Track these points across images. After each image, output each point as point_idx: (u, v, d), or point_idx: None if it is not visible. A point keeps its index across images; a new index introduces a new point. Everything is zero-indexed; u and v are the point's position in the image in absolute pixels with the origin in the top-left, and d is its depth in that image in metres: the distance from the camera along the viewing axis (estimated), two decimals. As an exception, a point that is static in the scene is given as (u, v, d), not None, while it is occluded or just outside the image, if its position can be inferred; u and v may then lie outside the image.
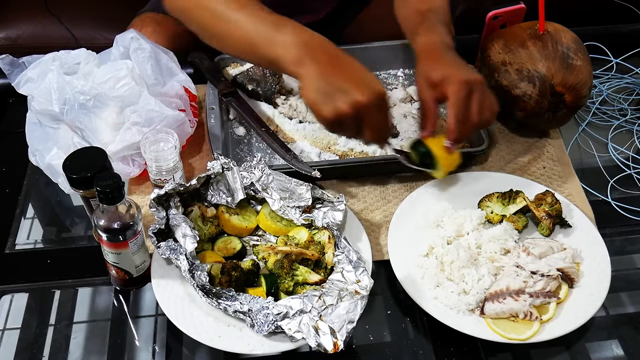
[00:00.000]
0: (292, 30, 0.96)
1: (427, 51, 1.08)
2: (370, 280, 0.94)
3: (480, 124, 1.04)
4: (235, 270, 0.97)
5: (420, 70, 1.08)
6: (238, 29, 0.99)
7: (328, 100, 0.92)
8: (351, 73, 0.94)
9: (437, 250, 1.03)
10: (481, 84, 1.04)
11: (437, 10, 1.15)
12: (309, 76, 0.93)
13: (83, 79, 1.10)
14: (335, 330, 0.88)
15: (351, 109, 0.92)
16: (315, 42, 0.96)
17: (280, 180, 1.07)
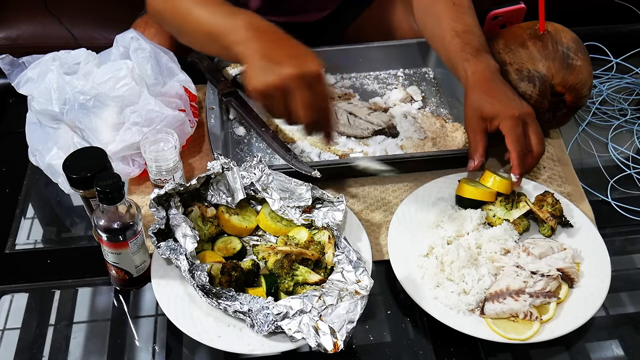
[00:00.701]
0: (243, 17, 0.98)
1: (477, 81, 1.09)
2: (371, 280, 0.94)
3: (542, 154, 1.07)
4: (235, 270, 0.97)
5: (470, 102, 1.08)
6: (200, 23, 1.02)
7: (260, 73, 0.91)
8: (290, 50, 0.94)
9: (437, 250, 1.03)
10: (532, 115, 1.07)
11: (475, 31, 1.15)
12: (250, 55, 0.94)
13: (83, 78, 1.10)
14: (335, 330, 0.88)
15: (279, 80, 0.90)
16: (263, 25, 0.97)
17: (280, 180, 1.07)
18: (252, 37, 0.95)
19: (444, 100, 1.36)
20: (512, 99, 1.07)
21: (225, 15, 0.99)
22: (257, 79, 0.91)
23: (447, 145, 1.22)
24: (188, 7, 1.04)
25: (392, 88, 1.37)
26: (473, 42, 1.12)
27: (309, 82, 0.91)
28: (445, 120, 1.29)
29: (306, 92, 0.91)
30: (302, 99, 0.91)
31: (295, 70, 0.90)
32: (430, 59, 1.41)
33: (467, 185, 1.10)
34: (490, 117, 1.05)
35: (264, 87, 0.91)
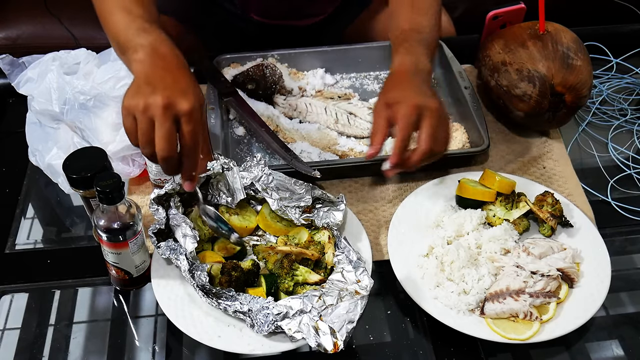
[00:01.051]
0: (152, 38, 0.94)
1: (396, 73, 1.07)
2: (371, 280, 0.94)
3: (428, 152, 0.99)
4: (235, 270, 0.97)
5: (382, 90, 1.07)
6: (115, 30, 0.98)
7: (133, 93, 0.87)
8: (173, 81, 0.89)
9: (437, 250, 1.03)
10: (435, 110, 1.00)
11: (422, 30, 1.13)
12: (137, 75, 0.91)
13: (83, 78, 1.10)
14: (335, 330, 0.88)
15: (142, 105, 0.85)
16: (165, 52, 0.93)
17: (280, 180, 1.07)
18: (147, 60, 0.91)
19: (444, 100, 1.35)
20: (421, 92, 1.02)
21: (136, 30, 0.95)
22: (128, 97, 0.87)
23: (447, 145, 1.22)
24: (111, 8, 1.00)
25: (392, 88, 1.37)
26: (412, 39, 1.11)
27: (176, 116, 0.86)
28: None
29: (168, 125, 0.85)
30: (163, 131, 0.85)
31: (164, 101, 0.85)
32: (430, 59, 1.41)
33: (467, 185, 1.10)
34: (392, 103, 1.01)
35: (131, 106, 0.86)
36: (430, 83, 1.07)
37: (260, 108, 1.28)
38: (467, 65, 1.41)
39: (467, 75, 1.30)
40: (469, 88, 1.27)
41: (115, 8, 0.99)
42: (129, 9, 0.98)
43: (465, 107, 1.25)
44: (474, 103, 1.24)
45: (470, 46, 1.40)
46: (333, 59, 1.38)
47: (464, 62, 1.37)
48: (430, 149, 0.99)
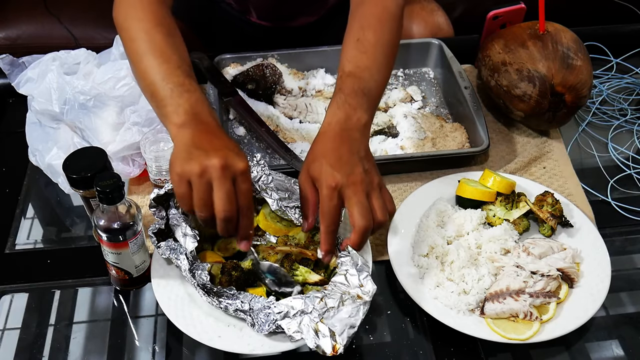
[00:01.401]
0: (193, 100, 0.92)
1: (322, 134, 0.97)
2: (374, 286, 0.93)
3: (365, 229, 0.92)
4: (236, 270, 0.97)
5: (307, 156, 0.98)
6: (146, 74, 0.95)
7: (185, 158, 0.87)
8: (221, 143, 0.89)
9: (437, 250, 1.03)
10: (359, 184, 0.92)
11: (362, 75, 0.99)
12: (181, 139, 0.89)
13: (83, 79, 1.10)
14: (335, 333, 0.88)
15: (203, 167, 0.85)
16: (204, 113, 0.92)
17: (279, 181, 1.06)
18: (188, 123, 0.90)
19: (443, 100, 1.36)
20: (344, 163, 0.93)
21: (175, 87, 0.92)
22: (181, 163, 0.86)
23: (447, 145, 1.22)
24: (144, 49, 0.96)
25: (392, 88, 1.37)
26: (349, 88, 0.98)
27: (233, 175, 0.86)
28: (445, 120, 1.29)
29: (229, 185, 0.85)
30: (224, 191, 0.85)
31: (221, 162, 0.85)
32: (430, 59, 1.41)
33: (467, 185, 1.10)
34: (313, 177, 0.94)
35: (185, 172, 0.86)
36: (363, 141, 0.96)
37: (260, 108, 1.28)
38: (467, 65, 1.41)
39: (467, 75, 1.30)
40: (469, 88, 1.27)
41: (148, 50, 0.95)
42: (166, 55, 0.95)
43: (465, 107, 1.25)
44: (474, 103, 1.24)
45: (470, 46, 1.40)
46: (333, 59, 1.37)
47: (464, 62, 1.37)
48: (366, 226, 0.91)
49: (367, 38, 1.02)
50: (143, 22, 0.98)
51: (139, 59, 0.96)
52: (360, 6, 1.06)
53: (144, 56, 0.96)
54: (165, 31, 0.98)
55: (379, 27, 1.03)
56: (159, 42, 0.96)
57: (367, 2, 1.06)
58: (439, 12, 1.54)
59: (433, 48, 1.40)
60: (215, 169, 0.85)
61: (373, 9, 1.05)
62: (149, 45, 0.96)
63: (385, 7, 1.05)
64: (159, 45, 0.96)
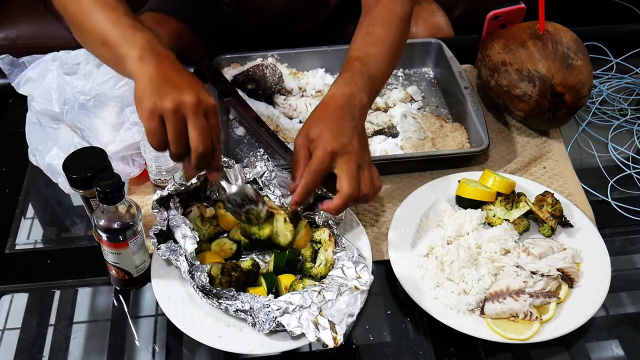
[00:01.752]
0: (144, 34, 0.92)
1: (325, 103, 1.00)
2: (371, 277, 0.94)
3: (349, 196, 0.94)
4: (235, 270, 0.97)
5: (307, 120, 1.01)
6: (97, 27, 0.95)
7: (154, 93, 0.86)
8: (188, 79, 0.90)
9: (437, 250, 1.03)
10: (353, 154, 0.95)
11: (368, 61, 1.04)
12: (146, 72, 0.88)
13: (83, 79, 1.10)
14: (335, 323, 0.88)
15: (178, 104, 0.85)
16: (162, 49, 0.92)
17: (282, 177, 1.07)
18: (149, 56, 0.89)
19: (443, 100, 1.36)
20: (341, 134, 0.96)
21: (125, 27, 0.92)
22: (151, 98, 0.86)
23: (446, 145, 1.22)
24: (89, 6, 0.96)
25: (392, 88, 1.37)
26: (355, 70, 1.02)
27: (205, 111, 0.88)
28: (445, 120, 1.29)
29: (203, 120, 0.87)
30: (199, 127, 0.87)
31: (194, 98, 0.86)
32: (430, 59, 1.41)
33: (467, 185, 1.10)
34: (311, 139, 0.96)
35: (157, 108, 0.86)
36: (361, 119, 1.00)
37: (260, 108, 1.28)
38: (467, 65, 1.41)
39: (467, 75, 1.30)
40: (469, 88, 1.27)
41: (94, 6, 0.96)
42: (112, 5, 0.96)
43: (465, 107, 1.25)
44: (474, 103, 1.24)
45: (470, 46, 1.40)
46: (333, 59, 1.38)
47: (464, 62, 1.37)
48: (351, 193, 0.94)
49: (376, 32, 1.08)
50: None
51: (86, 17, 0.96)
52: (371, 9, 1.12)
53: (90, 12, 0.96)
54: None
55: (387, 25, 1.09)
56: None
57: (378, 6, 1.11)
58: (439, 13, 1.54)
59: (433, 48, 1.40)
60: (189, 105, 0.86)
61: (382, 10, 1.11)
62: (92, 3, 0.96)
63: (393, 10, 1.11)
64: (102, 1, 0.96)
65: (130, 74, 0.91)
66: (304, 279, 0.98)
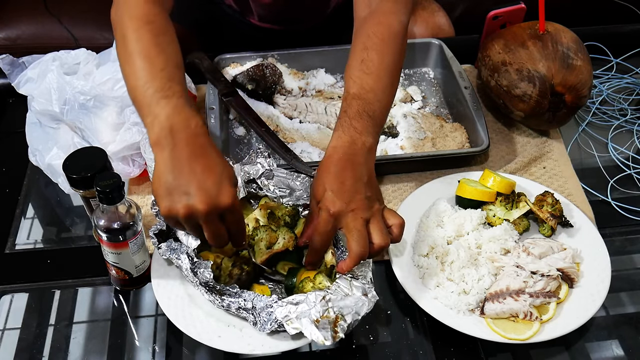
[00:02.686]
0: (170, 108, 0.88)
1: (330, 157, 0.96)
2: (376, 296, 0.91)
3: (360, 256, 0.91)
4: (248, 264, 0.97)
5: (314, 178, 0.98)
6: (133, 76, 0.92)
7: (168, 196, 0.85)
8: (203, 172, 0.85)
9: (437, 250, 1.03)
10: (359, 211, 0.92)
11: (367, 97, 0.99)
12: (161, 163, 0.86)
13: (83, 79, 1.10)
14: (340, 316, 0.87)
15: (185, 213, 0.84)
16: (184, 130, 0.87)
17: (281, 177, 1.07)
18: (165, 141, 0.86)
19: (444, 100, 1.36)
20: (344, 191, 0.93)
21: (153, 91, 0.89)
22: (164, 202, 0.85)
23: (447, 145, 1.22)
24: (133, 51, 0.93)
25: (392, 88, 1.37)
26: (354, 110, 0.97)
27: (219, 213, 0.86)
28: (445, 120, 1.29)
29: (216, 224, 0.86)
30: (212, 231, 0.86)
31: (205, 207, 0.83)
32: (430, 59, 1.41)
33: (467, 185, 1.10)
34: (317, 200, 0.94)
35: (169, 215, 0.85)
36: (367, 164, 0.96)
37: (260, 108, 1.28)
38: (467, 65, 1.41)
39: (467, 75, 1.30)
40: (469, 88, 1.27)
41: (134, 50, 0.93)
42: (151, 56, 0.92)
43: (465, 107, 1.25)
44: (474, 103, 1.24)
45: (470, 46, 1.40)
46: (333, 59, 1.38)
47: (464, 62, 1.37)
48: (361, 253, 0.91)
49: (371, 59, 1.02)
50: (133, 21, 0.96)
51: (126, 60, 0.95)
52: (364, 25, 1.05)
53: (130, 57, 0.94)
54: (155, 30, 0.95)
55: (382, 48, 1.02)
56: (147, 41, 0.94)
57: (370, 20, 1.05)
58: (440, 13, 1.54)
59: (433, 48, 1.40)
60: (200, 213, 0.84)
61: (376, 28, 1.04)
62: (135, 45, 0.94)
63: (389, 26, 1.04)
64: (146, 45, 0.94)
65: None
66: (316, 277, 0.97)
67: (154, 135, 0.87)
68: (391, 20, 1.05)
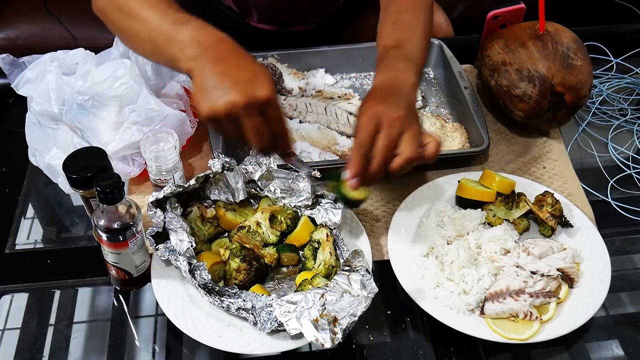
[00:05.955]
0: (191, 29, 0.91)
1: (373, 90, 0.99)
2: (375, 288, 0.92)
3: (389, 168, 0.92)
4: (257, 260, 0.98)
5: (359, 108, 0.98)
6: (144, 28, 0.95)
7: (208, 97, 0.86)
8: (240, 72, 0.87)
9: (437, 250, 1.03)
10: (395, 121, 0.91)
11: (402, 45, 1.03)
12: (198, 75, 0.88)
13: (81, 79, 1.10)
14: (337, 319, 0.87)
15: (225, 109, 0.85)
16: (212, 40, 0.90)
17: (282, 179, 1.07)
18: (199, 56, 0.88)
19: (444, 100, 1.36)
20: (389, 103, 0.94)
21: (170, 25, 0.91)
22: (204, 104, 0.86)
23: (447, 145, 1.22)
24: (135, 7, 0.95)
25: (392, 88, 1.37)
26: (391, 56, 1.02)
27: (258, 109, 0.86)
28: (445, 120, 1.29)
29: (256, 119, 0.86)
30: (252, 126, 0.87)
31: (243, 98, 0.84)
32: (430, 59, 1.41)
33: (467, 185, 1.10)
34: (361, 114, 0.95)
35: (210, 114, 0.86)
36: (410, 97, 0.97)
37: (260, 108, 1.28)
38: (467, 65, 1.41)
39: (467, 75, 1.30)
40: (469, 88, 1.27)
41: (137, 7, 0.95)
42: (152, 3, 0.94)
43: (465, 107, 1.25)
44: (474, 103, 1.24)
45: (470, 46, 1.40)
46: (333, 59, 1.38)
47: (464, 62, 1.37)
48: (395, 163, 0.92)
49: (403, 20, 1.07)
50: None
51: (131, 21, 0.96)
52: (393, 0, 1.11)
53: (133, 14, 0.95)
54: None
55: (413, 11, 1.08)
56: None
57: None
58: (439, 12, 1.54)
59: (433, 48, 1.40)
60: (238, 108, 0.85)
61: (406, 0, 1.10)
62: (132, 4, 0.96)
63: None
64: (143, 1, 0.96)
65: (185, 73, 0.91)
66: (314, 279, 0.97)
67: (186, 59, 0.89)
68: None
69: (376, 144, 0.91)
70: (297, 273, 1.02)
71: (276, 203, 1.08)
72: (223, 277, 0.99)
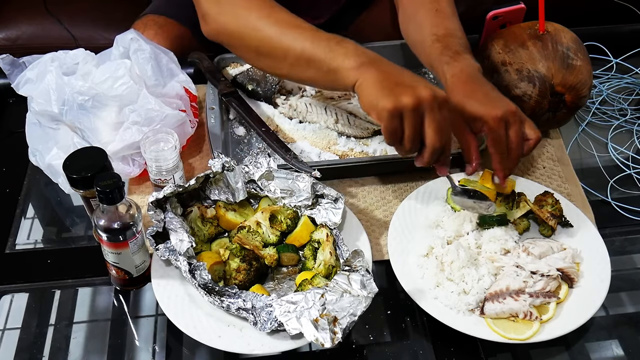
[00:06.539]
0: (351, 44, 0.98)
1: (456, 83, 1.06)
2: (375, 288, 0.92)
3: (523, 153, 1.05)
4: (257, 260, 0.97)
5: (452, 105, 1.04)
6: (296, 46, 1.00)
7: (389, 93, 0.91)
8: (411, 77, 0.95)
9: (437, 250, 1.03)
10: (514, 114, 1.02)
11: (455, 34, 1.12)
12: (370, 77, 0.93)
13: (81, 79, 1.10)
14: (337, 318, 0.87)
15: (415, 100, 0.90)
16: (370, 52, 0.98)
17: (282, 178, 1.07)
18: (366, 62, 0.95)
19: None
20: (492, 99, 1.04)
21: (327, 41, 0.98)
22: (386, 102, 0.90)
23: (447, 145, 1.22)
24: (274, 32, 1.02)
25: (392, 88, 1.37)
26: (452, 45, 1.10)
27: (440, 105, 0.92)
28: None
29: (439, 114, 0.92)
30: (437, 121, 0.92)
31: (430, 92, 0.90)
32: (430, 59, 1.40)
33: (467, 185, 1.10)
34: (472, 118, 1.03)
35: (397, 107, 0.90)
36: (489, 82, 1.08)
37: (261, 108, 1.28)
38: (467, 65, 1.41)
39: (467, 75, 1.30)
40: (469, 88, 1.27)
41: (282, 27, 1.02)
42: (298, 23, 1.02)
43: (465, 107, 1.25)
44: (474, 103, 1.24)
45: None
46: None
47: (464, 62, 1.36)
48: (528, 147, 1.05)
49: (443, 8, 1.15)
50: (256, 11, 1.03)
51: (277, 41, 1.01)
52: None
53: (281, 35, 1.01)
54: (281, 9, 1.04)
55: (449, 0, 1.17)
56: (285, 17, 1.03)
57: None
58: None
59: (433, 48, 1.39)
60: (427, 100, 0.90)
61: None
62: (279, 26, 1.02)
63: None
64: (286, 20, 1.02)
65: (348, 85, 0.95)
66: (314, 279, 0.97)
67: (354, 63, 0.95)
68: None
69: (511, 139, 1.02)
70: (297, 273, 1.02)
71: (276, 203, 1.08)
72: (223, 277, 1.00)
